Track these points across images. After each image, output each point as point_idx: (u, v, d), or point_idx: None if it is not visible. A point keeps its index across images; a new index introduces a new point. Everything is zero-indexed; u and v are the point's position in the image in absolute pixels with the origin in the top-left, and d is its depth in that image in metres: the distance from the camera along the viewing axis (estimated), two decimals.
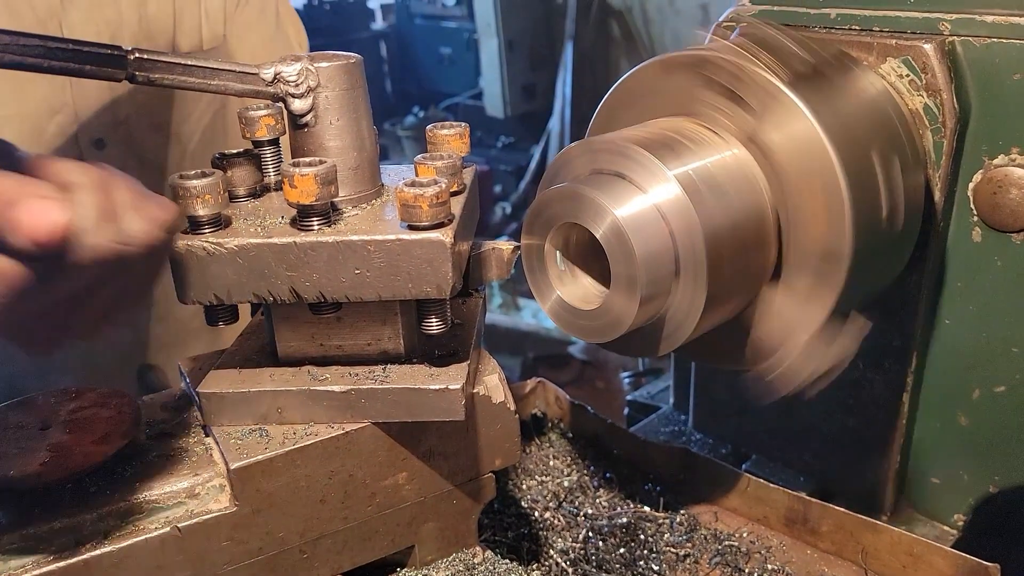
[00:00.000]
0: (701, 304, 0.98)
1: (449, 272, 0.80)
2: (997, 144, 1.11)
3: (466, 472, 0.94)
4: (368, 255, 0.80)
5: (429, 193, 0.78)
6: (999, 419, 1.21)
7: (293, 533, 0.86)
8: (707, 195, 0.99)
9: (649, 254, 0.96)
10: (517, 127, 7.27)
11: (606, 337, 1.01)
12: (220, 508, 0.82)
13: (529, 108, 7.23)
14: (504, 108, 7.14)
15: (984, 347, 1.20)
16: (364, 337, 0.88)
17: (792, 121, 1.02)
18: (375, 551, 0.92)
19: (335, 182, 0.80)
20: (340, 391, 0.85)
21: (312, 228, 0.81)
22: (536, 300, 1.07)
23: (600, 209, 0.96)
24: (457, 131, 0.94)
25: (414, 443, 0.89)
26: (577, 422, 1.48)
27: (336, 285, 0.81)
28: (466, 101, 7.59)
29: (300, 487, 0.84)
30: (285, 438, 0.84)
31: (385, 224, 0.82)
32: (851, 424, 1.35)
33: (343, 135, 0.85)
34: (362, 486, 0.88)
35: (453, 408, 0.84)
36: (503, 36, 6.84)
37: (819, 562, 1.19)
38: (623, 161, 1.01)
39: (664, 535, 1.25)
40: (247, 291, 0.82)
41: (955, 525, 1.32)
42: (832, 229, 1.00)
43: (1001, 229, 1.13)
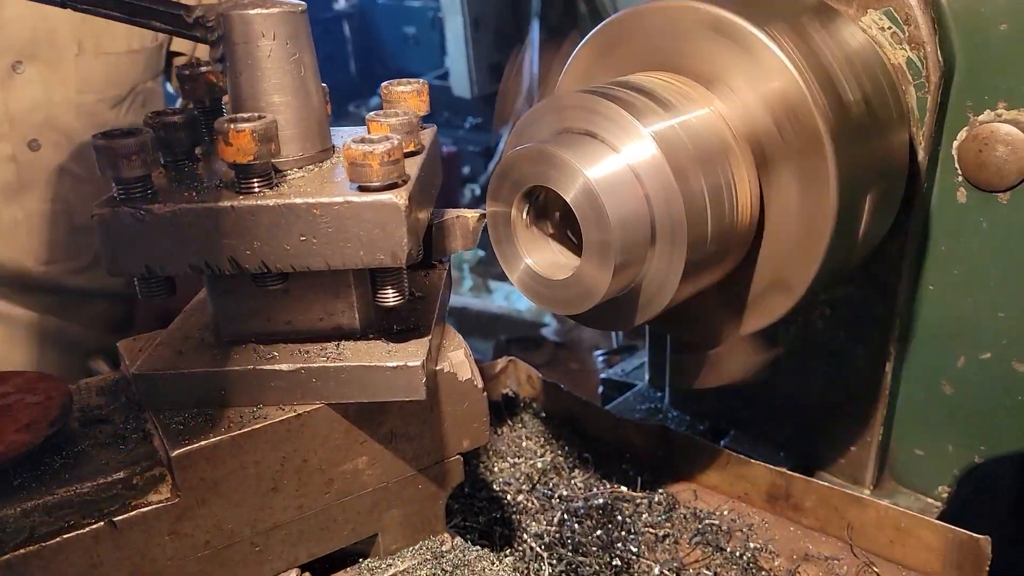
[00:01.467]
0: (679, 272, 0.92)
1: (404, 237, 0.73)
2: (983, 99, 1.06)
3: (431, 455, 0.88)
4: (314, 220, 0.73)
5: (380, 150, 0.71)
6: (985, 387, 1.17)
7: (243, 524, 0.79)
8: (684, 155, 0.93)
9: (623, 218, 0.89)
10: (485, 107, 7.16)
11: (579, 308, 0.95)
12: (160, 499, 0.75)
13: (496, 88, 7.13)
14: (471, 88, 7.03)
15: (970, 313, 1.16)
16: (315, 311, 0.81)
17: (773, 75, 0.96)
18: (334, 541, 0.85)
19: (275, 139, 0.72)
20: (289, 370, 0.78)
21: (252, 190, 0.74)
22: (504, 272, 1.01)
23: (570, 170, 0.89)
24: (415, 88, 0.87)
25: (373, 425, 0.83)
26: (551, 401, 1.42)
27: (280, 253, 0.74)
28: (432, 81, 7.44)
29: (249, 474, 0.78)
30: (231, 422, 0.77)
31: (333, 186, 0.75)
32: (832, 396, 1.30)
33: (285, 89, 0.78)
34: (318, 472, 0.81)
35: (413, 386, 0.78)
36: (468, 14, 6.71)
37: (803, 539, 1.14)
38: (594, 118, 0.95)
39: (642, 515, 1.20)
40: (182, 262, 0.75)
41: (939, 497, 1.28)
42: (817, 185, 0.95)
43: (987, 189, 1.09)
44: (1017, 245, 1.08)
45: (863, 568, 1.08)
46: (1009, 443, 1.19)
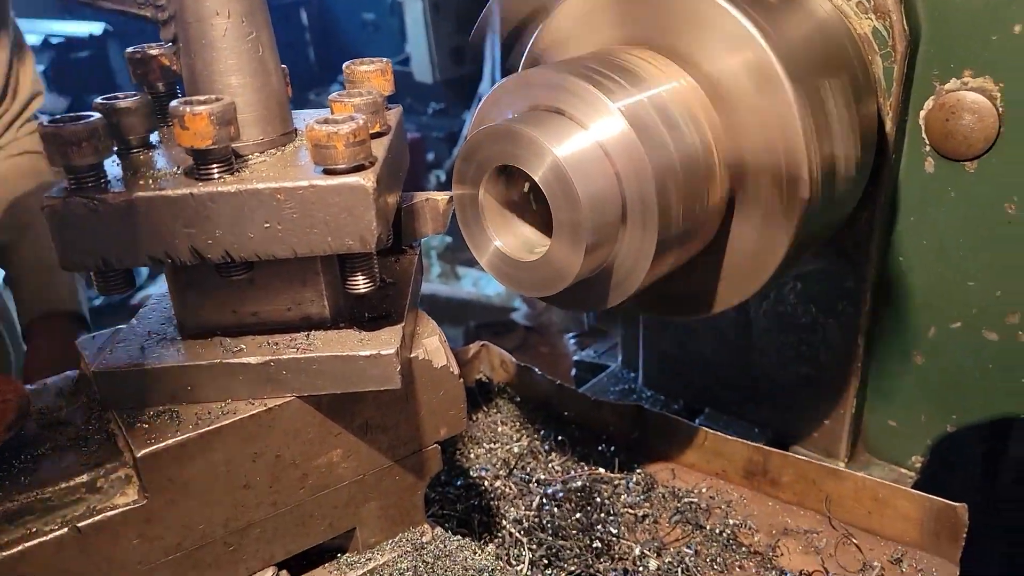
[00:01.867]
0: (651, 250, 0.91)
1: (373, 221, 0.70)
2: (948, 67, 1.06)
3: (408, 445, 0.85)
4: (278, 205, 0.70)
5: (345, 131, 0.68)
6: (956, 356, 1.18)
7: (215, 524, 0.76)
8: (654, 130, 0.91)
9: (594, 197, 0.87)
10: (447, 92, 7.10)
11: (550, 290, 0.93)
12: (127, 502, 0.72)
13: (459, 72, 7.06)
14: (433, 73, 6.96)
15: (939, 283, 1.16)
16: (282, 301, 0.79)
17: (742, 47, 0.95)
18: (311, 537, 0.83)
19: (234, 122, 0.69)
20: (258, 363, 0.76)
21: (211, 177, 0.70)
22: (474, 255, 0.99)
23: (538, 149, 0.87)
24: (378, 67, 0.84)
25: (347, 416, 0.80)
26: (525, 385, 1.41)
27: (243, 242, 0.71)
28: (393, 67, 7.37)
29: (219, 472, 0.75)
30: (199, 419, 0.74)
31: (297, 170, 0.72)
32: (805, 371, 1.31)
33: (242, 70, 0.75)
34: (291, 467, 0.79)
35: (388, 375, 0.76)
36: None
37: (781, 513, 1.14)
38: (562, 95, 0.93)
39: (621, 496, 1.19)
40: (140, 253, 0.71)
41: (913, 467, 1.29)
42: (790, 153, 0.94)
43: (954, 158, 1.09)
44: (984, 214, 1.09)
45: (842, 540, 1.08)
46: (980, 411, 1.20)
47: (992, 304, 1.12)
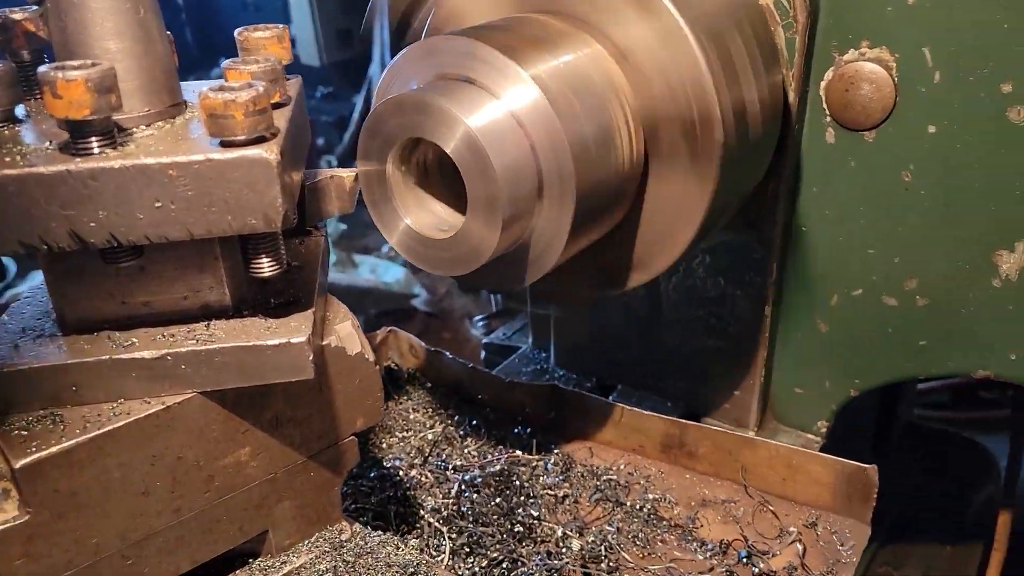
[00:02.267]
0: (568, 223, 0.88)
1: (278, 198, 0.65)
2: (847, 39, 1.07)
3: (323, 439, 0.80)
4: (170, 182, 0.63)
5: (244, 98, 0.62)
6: (857, 322, 1.21)
7: (111, 537, 0.69)
8: (567, 98, 0.88)
9: (509, 169, 0.84)
10: (335, 76, 6.91)
11: (465, 268, 0.89)
12: (7, 519, 0.64)
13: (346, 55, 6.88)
14: (319, 56, 6.75)
15: (841, 251, 1.18)
16: (178, 289, 0.72)
17: (649, 11, 0.93)
18: (220, 544, 0.77)
19: (115, 90, 0.62)
20: (153, 358, 0.69)
21: (91, 151, 0.63)
22: (382, 235, 0.93)
23: (449, 119, 0.83)
24: (275, 33, 0.78)
25: (256, 411, 0.74)
26: (435, 370, 1.37)
27: (131, 223, 0.64)
28: None
29: (113, 480, 0.68)
30: (86, 422, 0.67)
31: (190, 143, 0.66)
32: (715, 343, 1.32)
33: (122, 34, 0.67)
34: (195, 469, 0.72)
35: (299, 365, 0.70)
36: None
37: (699, 485, 1.15)
38: (471, 63, 0.88)
39: (540, 478, 1.17)
40: (10, 240, 0.63)
41: (819, 432, 1.32)
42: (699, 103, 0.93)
43: (854, 128, 1.11)
44: (883, 182, 1.11)
45: (759, 507, 1.09)
46: (881, 374, 1.24)
47: (891, 271, 1.15)
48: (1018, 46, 0.97)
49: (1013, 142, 1.01)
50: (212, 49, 7.68)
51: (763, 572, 0.99)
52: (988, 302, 1.10)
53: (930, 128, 1.05)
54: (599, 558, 1.02)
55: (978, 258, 1.08)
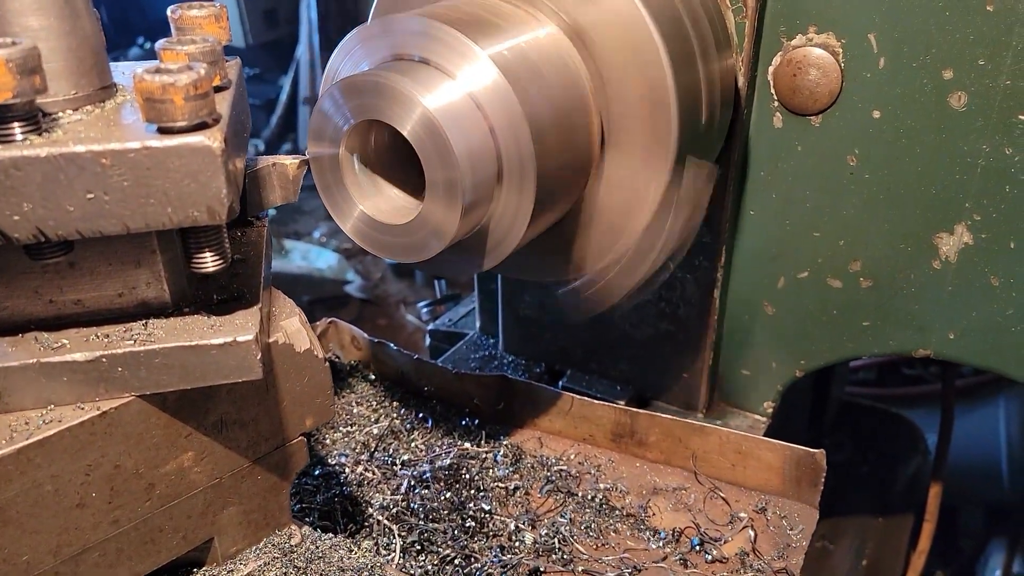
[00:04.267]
0: (529, 207, 0.86)
1: (223, 188, 0.60)
2: (795, 24, 1.07)
3: (270, 440, 0.76)
4: (103, 172, 0.58)
5: (184, 82, 0.57)
6: (803, 304, 1.23)
7: (43, 553, 0.64)
8: (526, 80, 0.86)
9: (469, 152, 0.81)
10: (261, 57, 6.72)
11: (423, 255, 0.86)
12: None
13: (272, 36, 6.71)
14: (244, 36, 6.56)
15: (787, 235, 1.19)
16: (112, 286, 0.67)
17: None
18: (162, 555, 0.72)
19: (40, 71, 0.57)
20: (86, 360, 0.64)
21: (12, 138, 0.58)
22: (336, 221, 0.89)
23: (405, 101, 0.80)
24: (212, 12, 0.73)
25: (199, 414, 0.70)
26: (379, 362, 1.33)
27: (61, 216, 0.59)
28: None
29: (45, 492, 0.63)
30: (13, 432, 0.62)
31: (123, 129, 0.61)
32: (665, 327, 1.31)
33: (45, 10, 0.62)
34: (134, 478, 0.68)
35: (247, 365, 0.66)
36: None
37: (650, 473, 1.14)
38: (426, 42, 0.85)
39: (490, 470, 1.15)
40: None
41: (765, 413, 1.34)
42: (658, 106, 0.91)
43: (801, 112, 1.11)
44: (828, 166, 1.12)
45: (709, 494, 1.10)
46: (825, 355, 1.26)
47: (836, 253, 1.17)
48: (959, 34, 0.99)
49: (953, 127, 1.03)
50: (129, 29, 7.39)
51: (716, 559, 0.99)
52: (928, 283, 1.12)
53: (875, 113, 1.06)
54: (552, 550, 1.01)
55: (919, 241, 1.10)
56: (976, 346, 1.13)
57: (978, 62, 0.99)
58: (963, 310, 1.11)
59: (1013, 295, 1.08)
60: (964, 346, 1.14)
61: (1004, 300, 1.08)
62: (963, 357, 1.15)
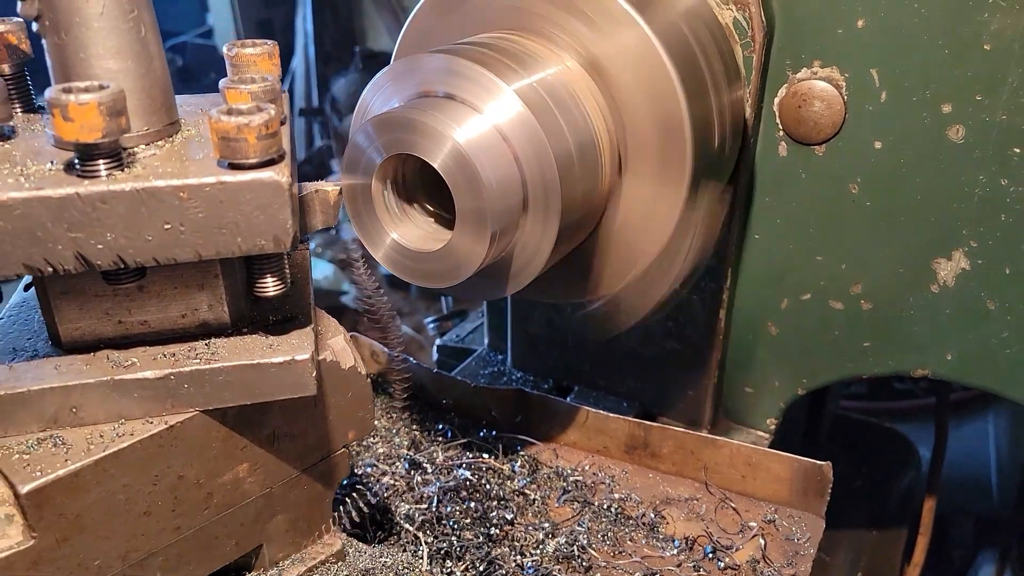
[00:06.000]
0: (554, 235, 0.91)
1: (289, 219, 0.66)
2: (800, 58, 1.13)
3: (316, 452, 0.81)
4: (181, 205, 0.63)
5: (256, 122, 0.62)
6: (805, 325, 1.28)
7: (113, 558, 0.69)
8: (549, 112, 0.91)
9: (497, 183, 0.86)
10: None
11: (452, 280, 0.91)
12: (11, 545, 0.63)
13: None
14: None
15: (791, 258, 1.25)
16: (176, 308, 0.72)
17: (624, 30, 0.96)
18: (217, 560, 0.77)
19: (125, 113, 0.62)
20: (156, 377, 0.68)
21: (98, 174, 0.63)
22: (367, 248, 0.94)
23: (436, 135, 0.85)
24: (265, 50, 0.78)
25: (254, 428, 0.75)
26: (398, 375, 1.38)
27: (140, 246, 0.64)
28: (194, 40, 6.92)
29: (117, 501, 0.67)
30: (90, 444, 0.66)
31: (196, 165, 0.66)
32: (672, 346, 1.37)
33: (123, 53, 0.67)
34: (195, 487, 0.72)
35: (303, 382, 0.71)
36: None
37: (662, 484, 1.20)
38: (453, 79, 0.90)
39: (508, 481, 1.20)
40: (13, 262, 0.62)
41: (768, 429, 1.39)
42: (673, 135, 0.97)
43: (805, 142, 1.17)
44: (831, 194, 1.18)
45: (720, 504, 1.15)
46: (827, 374, 1.31)
47: (838, 276, 1.22)
48: (957, 70, 1.04)
49: (951, 159, 1.08)
50: None
51: (728, 566, 1.04)
52: (927, 306, 1.17)
53: (876, 144, 1.12)
54: (572, 557, 1.06)
55: (918, 265, 1.16)
56: (973, 367, 1.19)
57: (975, 97, 1.05)
58: (960, 332, 1.17)
59: (1008, 318, 1.13)
60: (961, 367, 1.19)
61: (1000, 323, 1.14)
62: (960, 377, 1.21)
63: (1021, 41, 1.01)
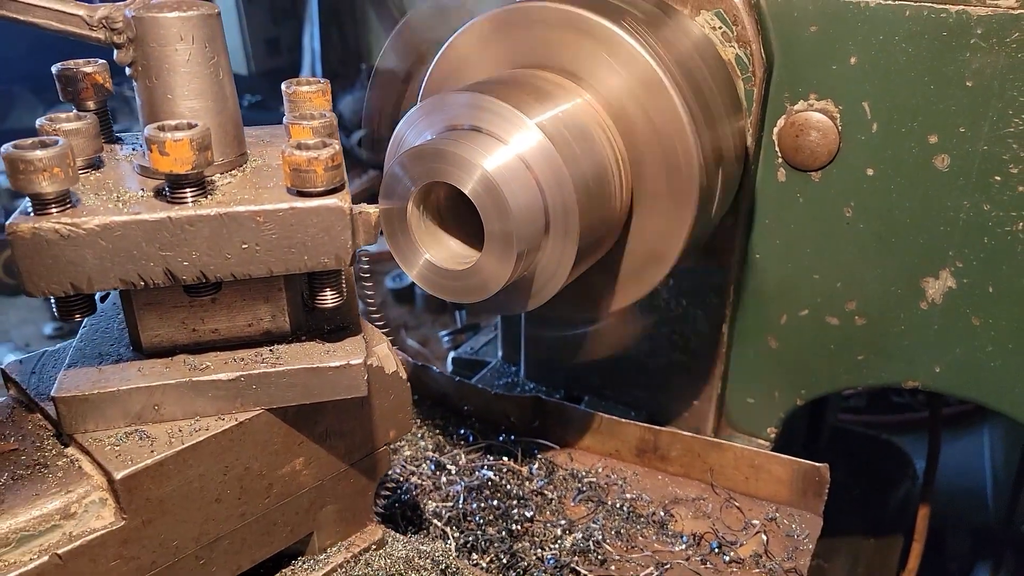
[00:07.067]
0: (572, 256, 1.00)
1: (348, 240, 0.75)
2: (797, 91, 1.23)
3: (362, 448, 0.90)
4: (257, 227, 0.72)
5: (324, 156, 0.72)
6: (803, 339, 1.37)
7: (188, 540, 0.77)
8: (568, 142, 1.00)
9: (521, 207, 0.95)
10: (263, 85, 6.87)
11: (479, 296, 1.00)
12: (105, 525, 0.72)
13: (275, 64, 6.86)
14: (247, 64, 6.72)
15: (789, 276, 1.34)
16: (243, 317, 0.81)
17: (633, 65, 1.06)
18: (274, 545, 0.85)
19: (210, 147, 0.71)
20: (228, 379, 0.77)
21: (185, 201, 0.72)
22: (401, 267, 1.03)
23: (466, 164, 0.94)
24: (319, 87, 0.88)
25: (310, 425, 0.84)
26: (422, 384, 1.47)
27: (220, 263, 0.73)
28: None
29: (193, 488, 0.76)
30: (171, 437, 0.75)
31: (270, 192, 0.75)
32: (677, 357, 1.46)
33: (204, 94, 0.76)
34: (258, 478, 0.81)
35: (356, 384, 0.80)
36: None
37: (671, 485, 1.28)
38: (479, 113, 0.99)
39: (527, 482, 1.29)
40: (112, 277, 0.71)
41: (768, 438, 1.48)
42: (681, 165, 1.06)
43: (802, 169, 1.26)
44: (827, 217, 1.27)
45: (725, 504, 1.23)
46: (823, 385, 1.39)
47: (834, 294, 1.31)
48: (942, 104, 1.14)
49: (938, 185, 1.17)
50: None
51: (733, 560, 1.12)
52: (916, 322, 1.26)
53: (868, 171, 1.21)
54: (588, 552, 1.14)
55: (908, 284, 1.25)
56: (959, 379, 1.27)
57: (959, 129, 1.14)
58: (947, 347, 1.25)
59: (992, 334, 1.22)
60: (949, 379, 1.28)
61: (984, 338, 1.22)
62: (948, 388, 1.29)
63: (1000, 79, 1.10)
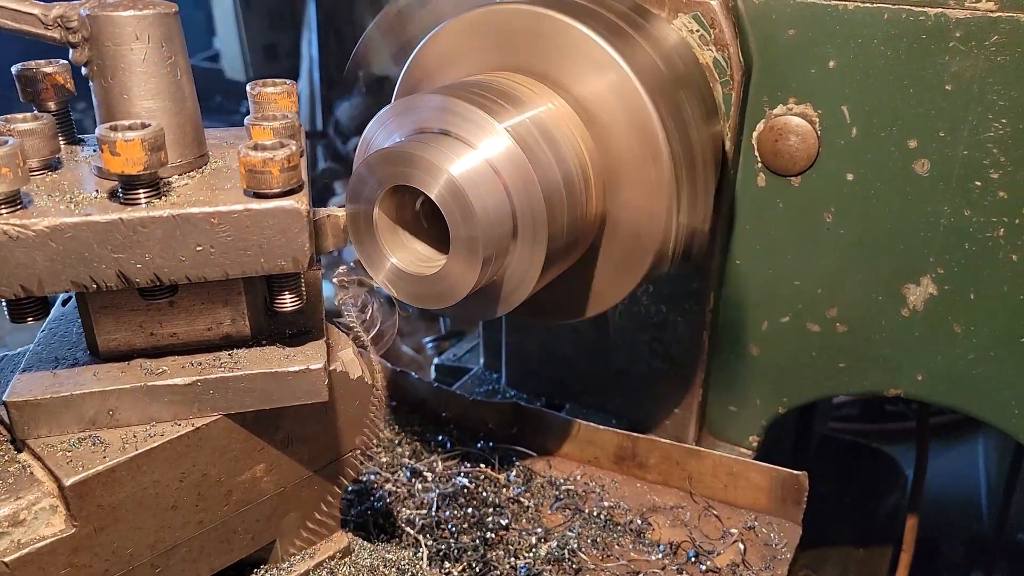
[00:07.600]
0: (540, 262, 0.99)
1: (306, 243, 0.74)
2: (776, 95, 1.22)
3: (327, 454, 0.88)
4: (211, 229, 0.71)
5: (280, 157, 0.71)
6: (784, 346, 1.35)
7: (143, 547, 0.76)
8: (537, 147, 0.99)
9: (488, 212, 0.94)
10: None
11: (446, 302, 0.99)
12: (55, 532, 0.71)
13: (273, 70, 6.87)
14: (246, 70, 6.73)
15: (770, 282, 1.33)
16: (202, 321, 0.79)
17: (606, 70, 1.05)
18: (235, 552, 0.84)
19: (164, 148, 0.70)
20: (184, 384, 0.76)
21: (139, 202, 0.71)
22: (368, 271, 1.02)
23: (432, 168, 0.92)
24: (284, 88, 0.87)
25: (271, 431, 0.82)
26: (400, 390, 1.46)
27: (174, 265, 0.72)
28: (201, 63, 7.06)
29: (148, 495, 0.75)
30: (124, 443, 0.74)
31: (226, 193, 0.74)
32: (658, 365, 1.44)
33: (161, 94, 0.75)
34: (216, 484, 0.80)
35: (316, 389, 0.79)
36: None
37: (649, 492, 1.27)
38: (448, 117, 0.98)
39: (504, 489, 1.27)
40: (62, 279, 0.70)
41: (750, 446, 1.46)
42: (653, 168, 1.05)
43: (782, 173, 1.25)
44: (807, 222, 1.26)
45: (703, 512, 1.22)
46: (806, 393, 1.38)
47: (815, 300, 1.30)
48: (921, 108, 1.13)
49: (918, 191, 1.16)
50: None
51: (710, 569, 1.11)
52: (898, 329, 1.25)
53: (848, 176, 1.20)
54: (563, 560, 1.13)
55: (889, 290, 1.23)
56: (941, 387, 1.25)
57: (939, 134, 1.13)
58: (929, 354, 1.24)
59: (973, 341, 1.20)
60: (931, 386, 1.26)
61: (965, 345, 1.21)
62: (930, 396, 1.28)
63: (980, 83, 1.09)
